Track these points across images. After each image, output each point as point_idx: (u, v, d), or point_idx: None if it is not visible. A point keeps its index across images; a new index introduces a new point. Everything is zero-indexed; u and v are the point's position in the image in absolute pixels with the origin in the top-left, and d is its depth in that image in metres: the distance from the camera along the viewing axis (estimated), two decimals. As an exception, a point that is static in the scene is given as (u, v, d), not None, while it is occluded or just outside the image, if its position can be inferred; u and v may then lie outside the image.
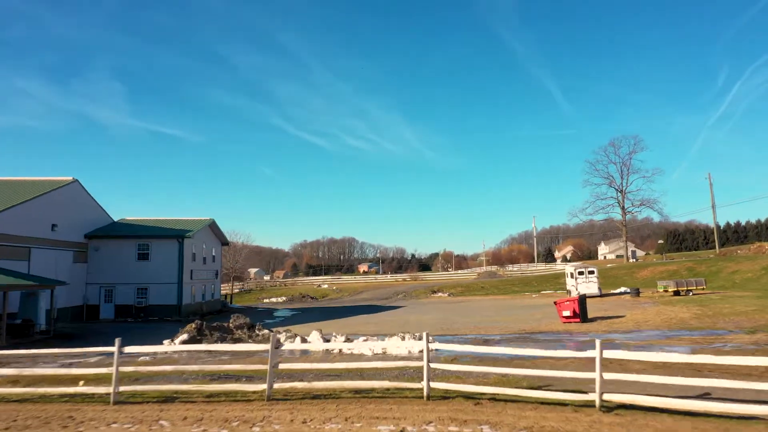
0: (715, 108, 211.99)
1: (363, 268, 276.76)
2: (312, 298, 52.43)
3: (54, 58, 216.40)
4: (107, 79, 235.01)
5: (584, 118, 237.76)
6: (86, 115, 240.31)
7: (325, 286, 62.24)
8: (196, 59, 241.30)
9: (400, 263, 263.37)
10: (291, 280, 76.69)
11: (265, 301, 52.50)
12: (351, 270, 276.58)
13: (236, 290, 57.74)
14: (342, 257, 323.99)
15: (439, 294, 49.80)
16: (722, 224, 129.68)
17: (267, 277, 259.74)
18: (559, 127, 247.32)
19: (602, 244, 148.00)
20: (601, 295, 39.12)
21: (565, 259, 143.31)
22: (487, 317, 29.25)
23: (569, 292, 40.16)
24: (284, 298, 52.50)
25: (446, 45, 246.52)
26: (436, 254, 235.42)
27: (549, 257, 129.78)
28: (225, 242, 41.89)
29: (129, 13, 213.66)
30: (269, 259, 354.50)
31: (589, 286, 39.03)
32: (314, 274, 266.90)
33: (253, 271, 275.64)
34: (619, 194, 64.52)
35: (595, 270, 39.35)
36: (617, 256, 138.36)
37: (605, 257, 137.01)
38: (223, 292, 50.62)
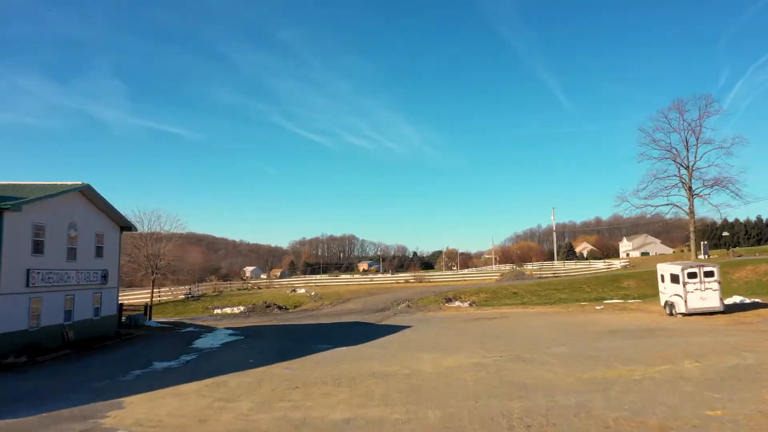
0: (716, 106, 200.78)
1: (363, 266, 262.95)
2: (280, 308, 37.24)
3: (54, 56, 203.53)
4: (108, 77, 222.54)
5: (585, 117, 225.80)
6: (87, 113, 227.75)
7: (302, 291, 46.66)
8: (197, 57, 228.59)
9: (401, 261, 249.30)
10: (266, 281, 60.93)
11: (216, 312, 37.46)
12: (350, 268, 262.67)
13: (181, 296, 42.68)
14: (342, 255, 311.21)
15: (457, 303, 34.73)
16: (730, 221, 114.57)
17: (264, 276, 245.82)
18: (560, 126, 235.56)
19: (624, 240, 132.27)
20: (724, 311, 24.05)
21: (582, 257, 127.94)
22: (573, 359, 14.33)
23: (671, 305, 25.03)
24: (242, 308, 37.46)
25: (448, 43, 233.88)
26: (440, 252, 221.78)
27: (570, 254, 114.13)
28: (127, 226, 26.48)
29: (129, 11, 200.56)
30: (267, 257, 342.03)
31: (705, 295, 23.90)
32: (312, 273, 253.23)
33: (249, 269, 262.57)
34: (684, 171, 49.28)
35: (715, 270, 24.17)
36: (642, 254, 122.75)
37: (628, 255, 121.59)
38: (143, 301, 35.68)
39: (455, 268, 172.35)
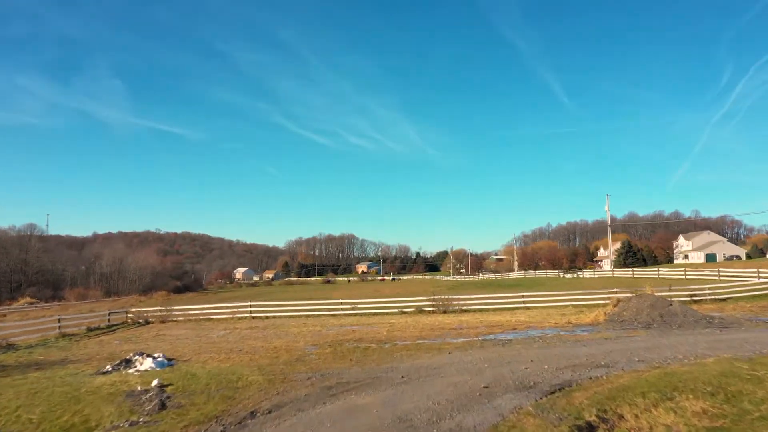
0: (718, 106, 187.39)
1: (362, 267, 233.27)
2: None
3: (54, 56, 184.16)
4: (108, 77, 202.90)
5: (586, 116, 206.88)
6: (87, 113, 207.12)
7: (146, 365, 16.40)
8: (197, 57, 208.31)
9: (404, 263, 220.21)
10: (160, 311, 30.48)
11: None
12: (349, 270, 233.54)
13: None
14: (340, 255, 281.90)
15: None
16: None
17: (256, 278, 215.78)
18: (561, 125, 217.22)
19: (680, 238, 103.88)
20: None
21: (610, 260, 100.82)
22: None
23: None
24: None
25: (448, 43, 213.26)
26: (445, 253, 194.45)
27: (629, 256, 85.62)
28: None
29: (129, 10, 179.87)
30: (262, 258, 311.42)
31: None
32: (307, 275, 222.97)
33: (240, 270, 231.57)
34: None
35: None
36: (707, 256, 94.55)
37: (687, 257, 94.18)
38: None
39: (464, 270, 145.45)
